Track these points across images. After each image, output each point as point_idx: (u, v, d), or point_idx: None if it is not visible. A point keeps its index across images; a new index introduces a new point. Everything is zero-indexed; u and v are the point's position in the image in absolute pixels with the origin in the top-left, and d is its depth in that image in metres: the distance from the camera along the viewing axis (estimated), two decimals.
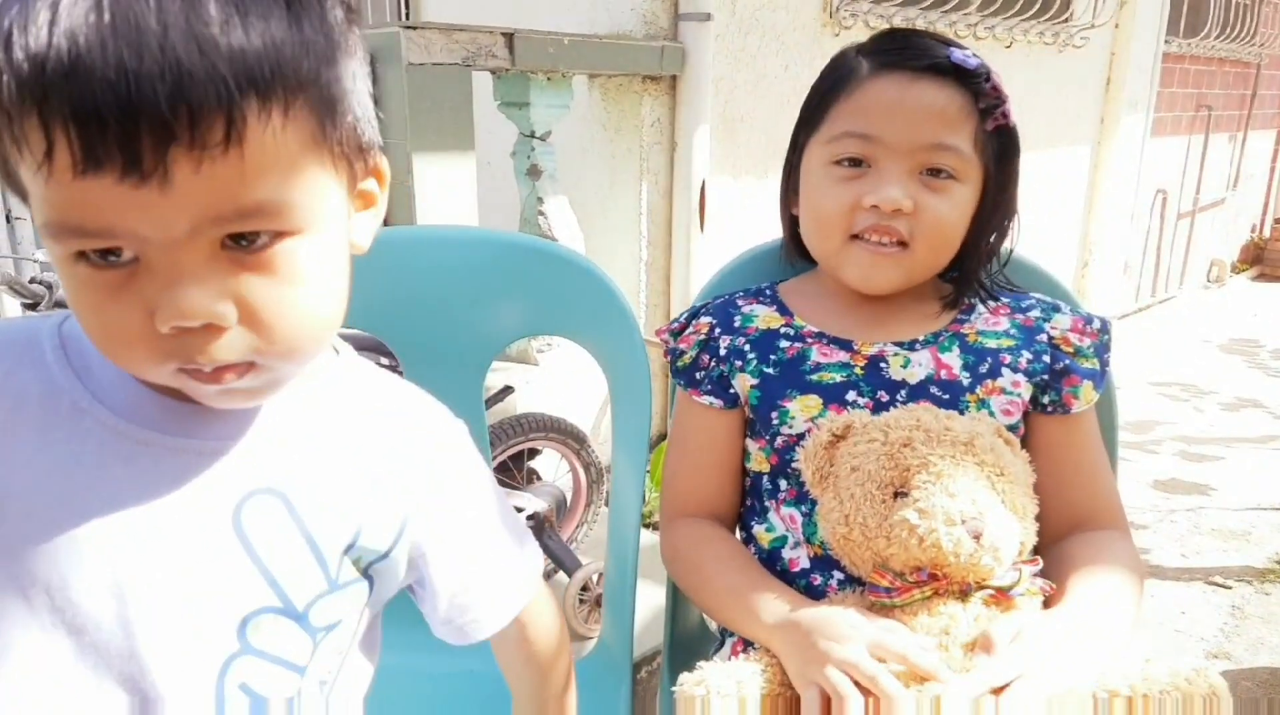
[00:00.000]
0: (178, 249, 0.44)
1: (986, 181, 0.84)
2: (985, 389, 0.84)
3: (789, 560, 0.84)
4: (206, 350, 0.46)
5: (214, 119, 0.41)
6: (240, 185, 0.44)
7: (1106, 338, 0.89)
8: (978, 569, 0.71)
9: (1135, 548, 0.86)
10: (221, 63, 0.41)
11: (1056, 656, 0.68)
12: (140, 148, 0.40)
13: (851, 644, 0.68)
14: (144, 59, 0.39)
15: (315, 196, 0.48)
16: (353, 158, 0.51)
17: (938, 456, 0.73)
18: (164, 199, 0.42)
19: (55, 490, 0.50)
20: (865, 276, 0.85)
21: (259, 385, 0.50)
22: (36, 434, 0.50)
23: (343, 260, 0.52)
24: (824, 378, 0.86)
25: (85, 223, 0.43)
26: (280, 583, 0.54)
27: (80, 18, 0.40)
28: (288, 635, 0.55)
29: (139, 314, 0.45)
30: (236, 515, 0.53)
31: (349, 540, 0.57)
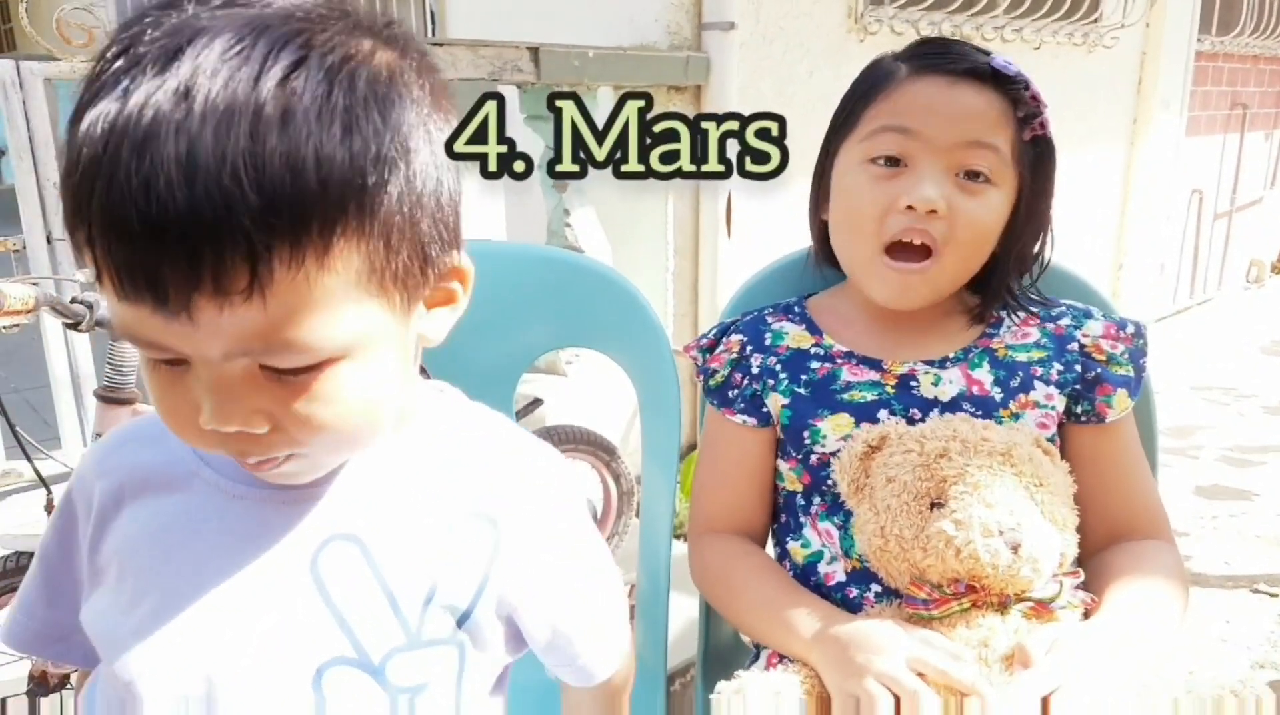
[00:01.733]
0: (216, 366, 0.46)
1: (1021, 190, 0.83)
2: (1018, 403, 0.83)
3: (825, 574, 0.84)
4: (244, 449, 0.49)
5: (238, 269, 0.41)
6: (267, 328, 0.44)
7: (1142, 342, 0.87)
8: (1016, 580, 0.70)
9: (1179, 556, 0.84)
10: (249, 212, 0.40)
11: (1094, 667, 0.67)
12: (166, 291, 0.42)
13: (890, 656, 0.68)
14: (169, 208, 0.40)
15: (360, 329, 0.47)
16: (417, 278, 0.49)
17: (975, 467, 0.72)
18: (194, 332, 0.43)
19: (162, 546, 0.55)
20: (893, 296, 0.84)
21: (305, 469, 0.52)
22: (157, 500, 0.56)
23: (395, 372, 0.51)
24: (855, 397, 0.85)
25: (137, 336, 0.45)
26: (354, 630, 0.54)
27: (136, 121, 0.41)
28: (364, 692, 0.54)
29: (191, 407, 0.47)
30: (314, 560, 0.54)
31: (426, 592, 0.55)
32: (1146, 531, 0.84)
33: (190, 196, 0.40)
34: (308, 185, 0.42)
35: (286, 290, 0.43)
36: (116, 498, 0.57)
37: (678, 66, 2.24)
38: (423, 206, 0.48)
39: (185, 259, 0.41)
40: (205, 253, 0.41)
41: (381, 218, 0.45)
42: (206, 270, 0.41)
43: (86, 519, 0.59)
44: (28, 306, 1.15)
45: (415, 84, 0.48)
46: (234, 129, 0.40)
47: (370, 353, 0.48)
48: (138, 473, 0.57)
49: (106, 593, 0.56)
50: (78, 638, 0.60)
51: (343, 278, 0.45)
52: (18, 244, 1.83)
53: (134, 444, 0.59)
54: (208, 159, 0.40)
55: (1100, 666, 0.67)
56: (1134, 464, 0.86)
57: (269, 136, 0.41)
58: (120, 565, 0.56)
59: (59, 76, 1.77)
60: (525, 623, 0.60)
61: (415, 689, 0.55)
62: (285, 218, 0.41)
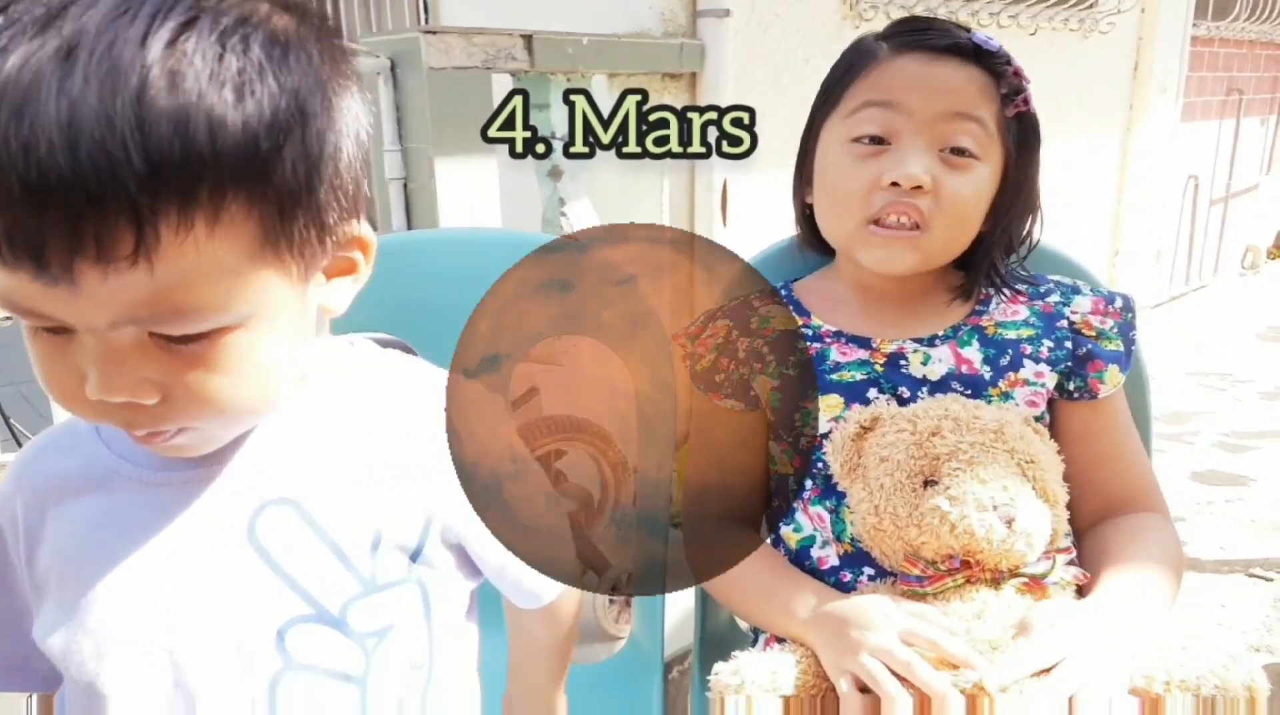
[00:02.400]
0: (100, 334, 0.44)
1: (1007, 166, 0.83)
2: (1007, 382, 0.83)
3: (818, 559, 0.84)
4: (131, 420, 0.47)
5: (122, 233, 0.40)
6: (154, 295, 0.43)
7: (1130, 316, 0.87)
8: (1010, 555, 0.71)
9: (1173, 528, 0.84)
10: (134, 176, 0.39)
11: (1095, 642, 0.67)
12: (48, 256, 0.40)
13: (883, 631, 0.68)
14: (50, 173, 0.39)
15: (254, 295, 0.46)
16: (314, 246, 0.48)
17: (967, 444, 0.73)
18: (76, 299, 0.42)
19: (94, 546, 0.55)
20: (882, 259, 0.83)
21: (198, 442, 0.51)
22: (80, 503, 0.56)
23: (291, 341, 0.51)
24: (844, 377, 0.85)
25: (18, 304, 0.43)
26: (306, 587, 0.54)
27: (19, 80, 0.39)
28: (330, 644, 0.55)
29: (76, 378, 0.46)
30: (251, 529, 0.54)
31: (373, 538, 0.56)
32: (1140, 505, 0.85)
33: (72, 160, 0.38)
34: (197, 149, 0.40)
35: (174, 255, 0.42)
36: (40, 510, 0.57)
37: (672, 54, 2.23)
38: (320, 173, 0.46)
39: (67, 224, 0.39)
40: (88, 217, 0.39)
41: (275, 183, 0.44)
42: (89, 235, 0.40)
43: (15, 538, 0.58)
44: None
45: (314, 48, 0.46)
46: (119, 91, 0.39)
47: (265, 322, 0.48)
48: (54, 481, 0.57)
49: (53, 606, 0.56)
50: (33, 664, 0.60)
51: (235, 245, 0.44)
52: None
53: (50, 452, 0.59)
54: (91, 122, 0.38)
55: (1100, 642, 0.68)
56: (1126, 439, 0.87)
57: (156, 99, 0.39)
58: (59, 574, 0.56)
59: None
60: (474, 547, 0.61)
61: (381, 631, 0.56)
62: (172, 182, 0.40)
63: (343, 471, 0.57)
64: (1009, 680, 0.64)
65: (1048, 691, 0.64)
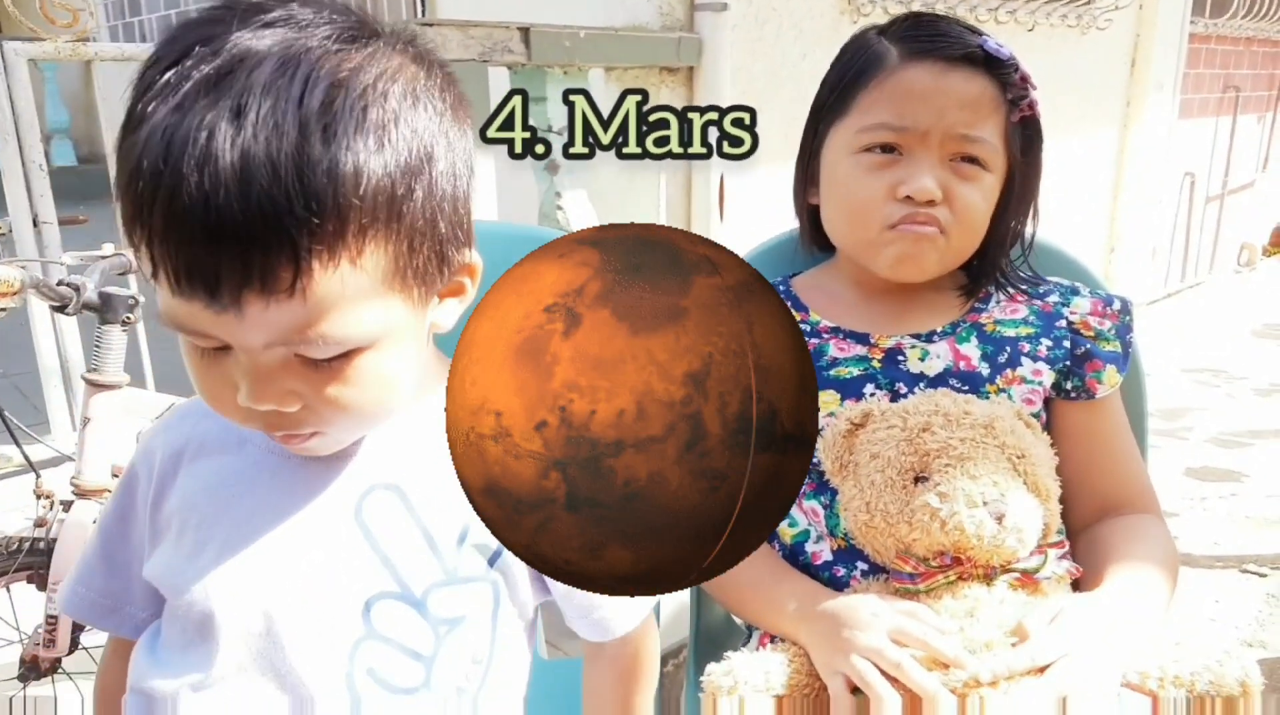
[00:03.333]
0: (255, 352, 0.51)
1: (1011, 171, 0.84)
2: (1005, 379, 0.83)
3: (812, 554, 0.84)
4: (273, 423, 0.54)
5: (284, 270, 0.47)
6: (305, 322, 0.49)
7: (1128, 318, 0.87)
8: (1001, 551, 0.71)
9: (1168, 530, 0.85)
10: (295, 221, 0.46)
11: (1093, 639, 0.68)
12: (221, 289, 0.47)
13: (873, 631, 0.68)
14: (226, 218, 0.45)
15: (384, 321, 0.53)
16: (434, 274, 0.55)
17: (958, 440, 0.73)
18: (240, 324, 0.49)
19: (218, 501, 0.62)
20: (904, 258, 0.82)
21: (327, 444, 0.59)
22: (213, 462, 0.63)
23: (412, 358, 0.57)
24: (841, 373, 0.85)
25: (186, 326, 0.51)
26: (397, 567, 0.60)
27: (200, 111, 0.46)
28: (408, 622, 0.60)
29: (229, 386, 0.53)
30: (358, 508, 0.61)
31: (459, 533, 0.61)
32: (1136, 506, 0.85)
33: (245, 206, 0.45)
34: (345, 195, 0.47)
35: (323, 288, 0.48)
36: (175, 460, 0.64)
37: (669, 48, 2.23)
38: (441, 210, 0.53)
39: (239, 262, 0.46)
40: (256, 257, 0.46)
41: (407, 222, 0.51)
42: (256, 271, 0.46)
43: (149, 482, 0.65)
44: (13, 288, 1.14)
45: (439, 96, 0.53)
46: (283, 146, 0.45)
47: (391, 342, 0.54)
48: (195, 438, 0.64)
49: (169, 546, 0.62)
50: (129, 610, 0.67)
51: (371, 276, 0.50)
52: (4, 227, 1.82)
53: (194, 416, 0.66)
54: (260, 173, 0.45)
55: (1098, 639, 0.68)
56: (1123, 440, 0.87)
57: (312, 152, 0.46)
58: (181, 520, 0.62)
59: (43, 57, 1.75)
60: None
61: (454, 620, 0.61)
62: (325, 225, 0.47)
63: (440, 469, 0.60)
64: (1002, 672, 0.64)
65: (1044, 689, 0.64)
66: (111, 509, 0.68)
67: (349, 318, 0.50)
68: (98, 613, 0.68)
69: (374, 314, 0.52)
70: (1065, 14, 3.36)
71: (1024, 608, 0.71)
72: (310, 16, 0.50)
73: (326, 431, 0.56)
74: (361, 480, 0.61)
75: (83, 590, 0.68)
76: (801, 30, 2.49)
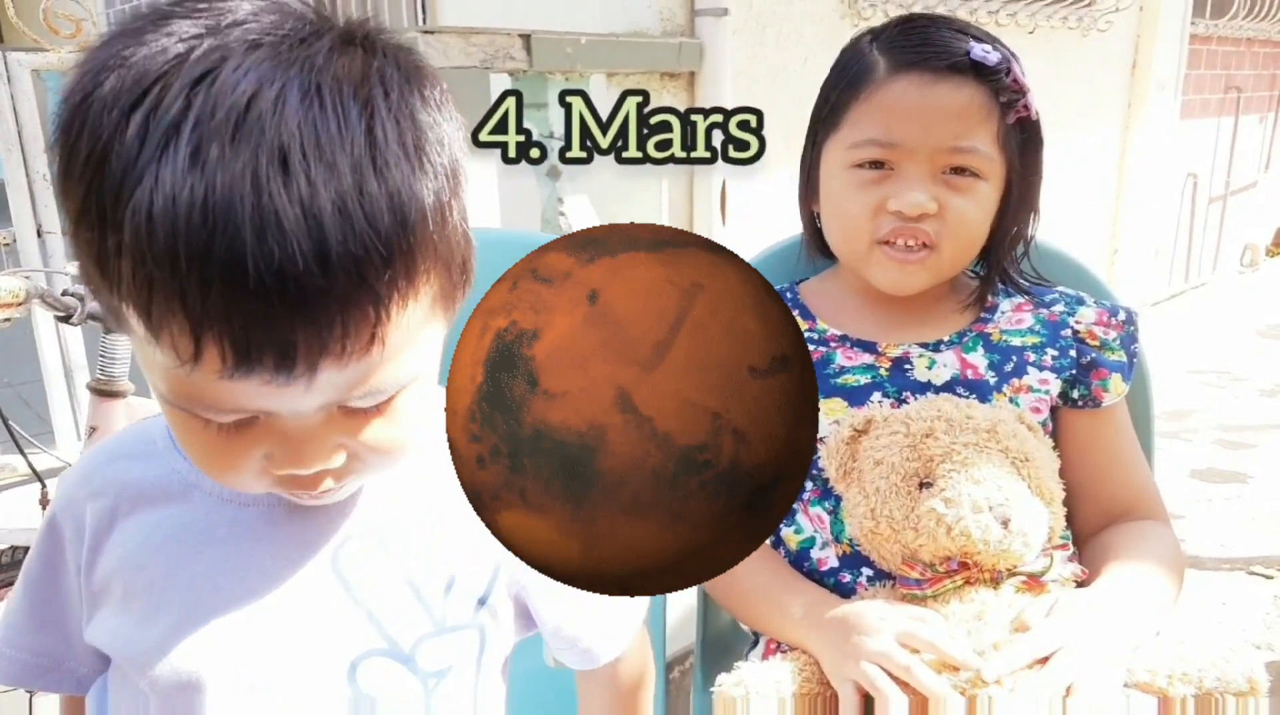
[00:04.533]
0: (301, 419, 0.46)
1: (1010, 175, 0.83)
2: (1012, 388, 0.83)
3: (818, 560, 0.84)
4: (309, 483, 0.49)
5: (364, 327, 0.42)
6: (377, 371, 0.44)
7: (1133, 329, 0.87)
8: (1008, 555, 0.71)
9: (1174, 536, 0.85)
10: (374, 271, 0.40)
11: (1092, 629, 0.68)
12: (295, 358, 0.41)
13: (882, 636, 0.68)
14: (302, 281, 0.39)
15: (428, 352, 0.49)
16: (460, 293, 0.51)
17: (961, 445, 0.73)
18: (308, 390, 0.43)
19: (171, 558, 0.54)
20: (893, 282, 0.84)
21: (353, 486, 0.53)
22: (155, 514, 0.56)
23: (436, 380, 0.52)
24: (848, 381, 0.85)
25: (218, 405, 0.44)
26: (383, 622, 0.55)
27: (249, 168, 0.38)
28: (398, 680, 0.55)
29: (252, 456, 0.47)
30: (335, 559, 0.55)
31: (447, 581, 0.57)
32: (1142, 512, 0.85)
33: (324, 267, 0.39)
34: (413, 230, 0.42)
35: (396, 335, 0.44)
36: (109, 514, 0.56)
37: (670, 53, 2.23)
38: (466, 220, 0.49)
39: (319, 326, 0.40)
40: (337, 317, 0.40)
41: (449, 243, 0.46)
42: (338, 333, 0.41)
43: (78, 541, 0.57)
44: (18, 299, 1.15)
45: (439, 95, 0.47)
46: (344, 191, 0.39)
47: (429, 367, 0.50)
48: (130, 489, 0.57)
49: (114, 612, 0.56)
50: (70, 665, 0.60)
51: (424, 309, 0.46)
52: (8, 237, 1.82)
53: (123, 461, 0.58)
54: (331, 225, 0.39)
55: (1097, 631, 0.68)
56: (1129, 447, 0.87)
57: (373, 190, 0.40)
58: (125, 582, 0.55)
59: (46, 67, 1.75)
60: (534, 601, 0.62)
61: (441, 672, 0.57)
62: (399, 266, 0.42)
63: (423, 512, 0.58)
64: (1005, 671, 0.64)
65: (1045, 680, 0.64)
66: (34, 564, 0.59)
67: (412, 356, 0.46)
68: (33, 674, 0.61)
69: (422, 345, 0.47)
70: (1066, 16, 3.36)
71: None
72: (264, 18, 0.42)
73: (352, 479, 0.51)
74: (336, 528, 0.55)
75: (12, 653, 0.60)
76: (802, 34, 2.49)
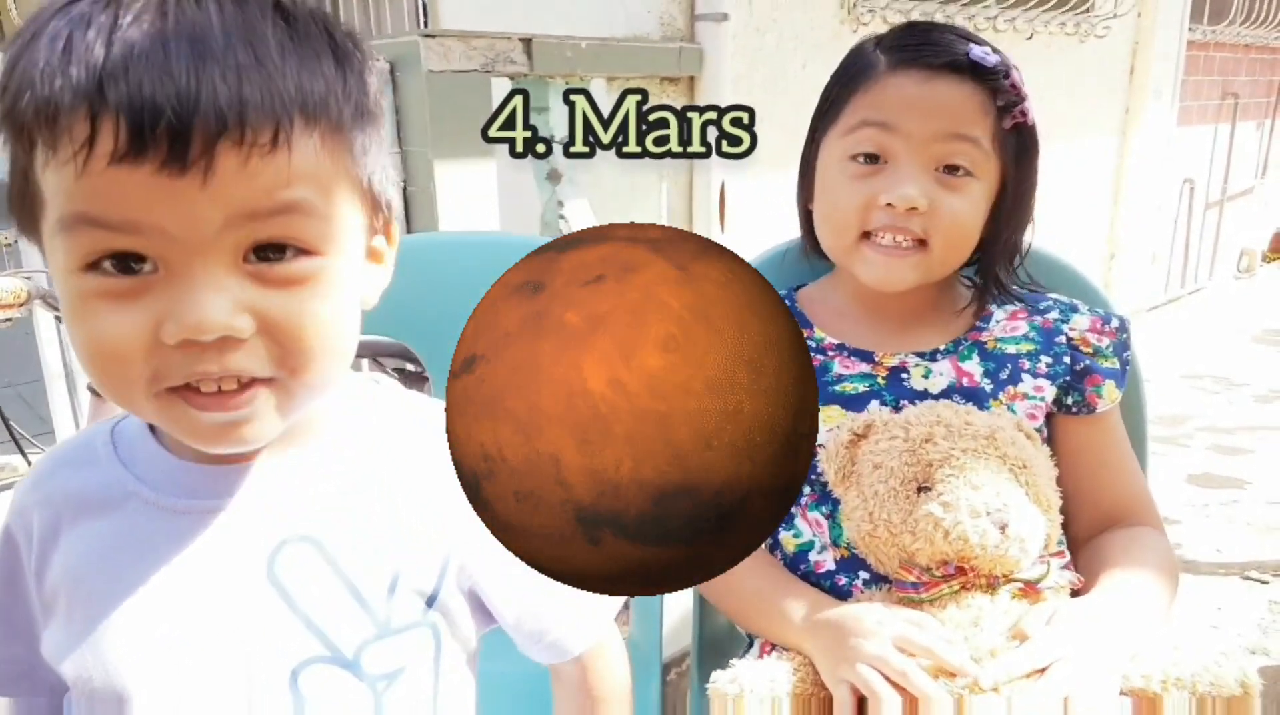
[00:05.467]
0: (201, 252, 0.44)
1: (1004, 180, 0.84)
2: (1007, 395, 0.84)
3: (815, 563, 0.84)
4: (220, 361, 0.46)
5: (266, 122, 0.43)
6: (282, 184, 0.45)
7: (1125, 337, 0.88)
8: (1005, 560, 0.71)
9: (1168, 541, 0.85)
10: (277, 79, 0.44)
11: (1091, 640, 0.68)
12: (190, 137, 0.42)
13: (878, 640, 0.68)
14: (206, 62, 0.42)
15: (342, 223, 0.49)
16: (375, 205, 0.53)
17: (960, 450, 0.74)
18: (201, 193, 0.43)
19: (110, 570, 0.54)
20: (880, 278, 0.84)
21: (270, 409, 0.49)
22: (96, 524, 0.55)
23: (356, 298, 0.53)
24: (846, 389, 0.85)
25: (110, 214, 0.43)
26: (323, 629, 0.54)
27: (146, 24, 0.42)
28: (342, 686, 0.54)
29: (144, 326, 0.45)
30: (270, 566, 0.54)
31: (390, 581, 0.56)
32: (1136, 518, 0.85)
33: (227, 53, 0.43)
34: (326, 78, 0.47)
35: (301, 151, 0.45)
36: (54, 525, 0.56)
37: (670, 58, 2.24)
38: (380, 155, 0.52)
39: (221, 105, 0.42)
40: (236, 104, 0.42)
41: (364, 133, 0.50)
42: (236, 117, 0.42)
43: (29, 549, 0.57)
44: (19, 299, 1.15)
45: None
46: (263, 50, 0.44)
47: (343, 260, 0.49)
48: (71, 498, 0.56)
49: (60, 626, 0.55)
50: (40, 673, 0.59)
51: (334, 163, 0.48)
52: (9, 238, 1.82)
53: (66, 469, 0.58)
54: (242, 30, 0.43)
55: (1094, 641, 0.69)
56: (1122, 453, 0.88)
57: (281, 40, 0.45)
58: (68, 595, 0.55)
59: None
60: (490, 595, 0.60)
61: (391, 675, 0.55)
62: (307, 93, 0.45)
63: (363, 512, 0.56)
64: (1003, 679, 0.65)
65: (1043, 690, 0.64)
66: None
67: (320, 194, 0.47)
68: (6, 682, 0.61)
69: (336, 203, 0.48)
70: (1064, 22, 3.38)
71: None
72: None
73: (279, 380, 0.48)
74: (271, 534, 0.54)
75: None
76: (801, 40, 2.50)
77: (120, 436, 0.58)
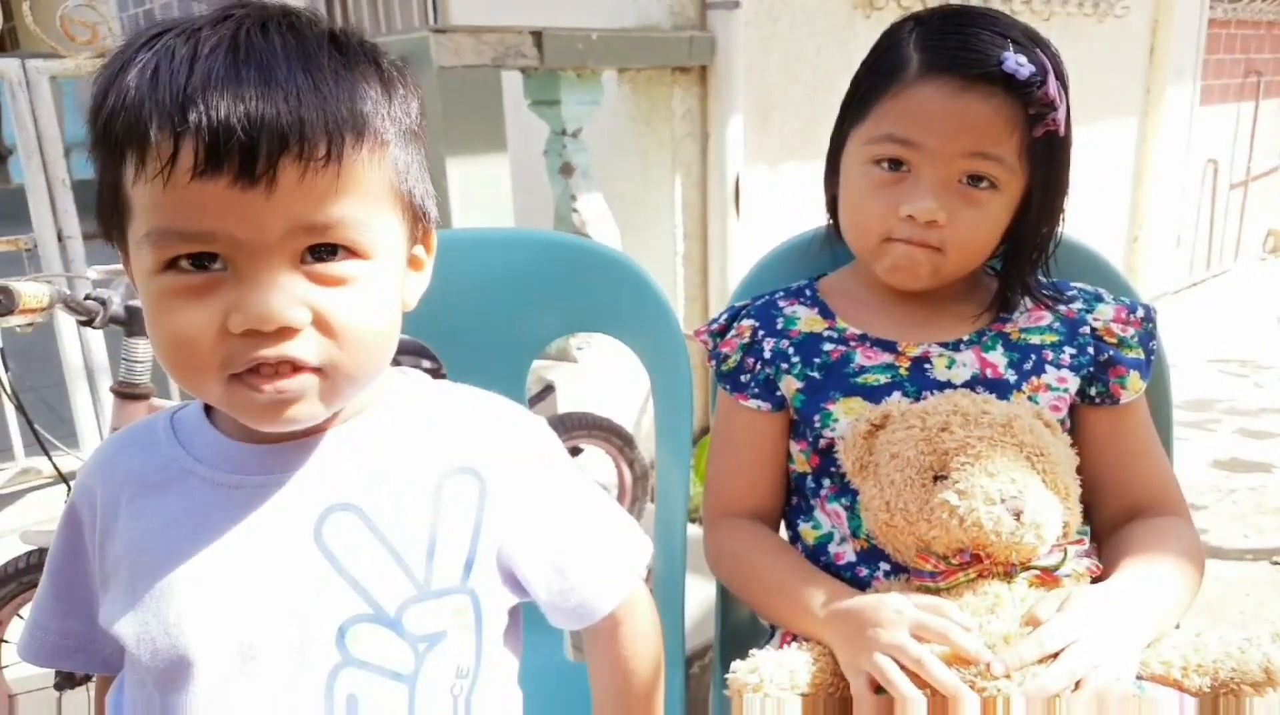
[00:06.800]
0: (265, 255, 0.51)
1: (1031, 188, 0.82)
2: (1031, 386, 0.83)
3: (835, 555, 0.84)
4: (277, 348, 0.52)
5: (320, 139, 0.50)
6: (333, 196, 0.52)
7: (1151, 326, 0.87)
8: (1020, 547, 0.71)
9: (1195, 532, 0.84)
10: (330, 102, 0.51)
11: (1105, 625, 0.68)
12: (257, 153, 0.49)
13: (895, 628, 0.68)
14: (271, 87, 0.50)
15: (386, 231, 0.56)
16: (416, 217, 0.60)
17: (976, 438, 0.73)
18: (266, 204, 0.50)
19: (169, 541, 0.59)
20: (899, 280, 0.84)
21: (312, 399, 0.55)
22: (156, 500, 0.61)
23: (398, 299, 0.59)
24: (868, 380, 0.85)
25: (189, 225, 0.51)
26: (368, 589, 0.58)
27: (221, 54, 0.50)
28: (385, 644, 0.59)
29: (215, 316, 0.52)
30: (318, 532, 0.59)
31: (428, 546, 0.60)
32: (1163, 509, 0.84)
33: (288, 80, 0.50)
34: (373, 99, 0.54)
35: (351, 166, 0.52)
36: (116, 503, 0.61)
37: (682, 47, 2.23)
38: (422, 172, 0.59)
39: (282, 124, 0.49)
40: (296, 123, 0.50)
41: (406, 152, 0.57)
42: (295, 134, 0.49)
43: (92, 526, 0.62)
44: (42, 304, 1.16)
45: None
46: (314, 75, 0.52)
47: (387, 264, 0.56)
48: (134, 477, 0.62)
49: (122, 595, 0.60)
50: (96, 645, 0.65)
51: (381, 179, 0.55)
52: (29, 242, 1.84)
53: (130, 450, 0.64)
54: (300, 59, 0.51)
55: (1110, 624, 0.68)
56: (1148, 443, 0.87)
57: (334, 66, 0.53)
58: (130, 564, 0.60)
59: (64, 74, 1.77)
60: (521, 565, 0.64)
61: (434, 637, 0.60)
62: (357, 114, 0.53)
63: (400, 482, 0.61)
64: (1015, 665, 0.64)
65: (1055, 675, 0.64)
66: (59, 550, 0.65)
67: (368, 207, 0.54)
68: (62, 654, 0.66)
69: (383, 216, 0.55)
70: (1082, 2, 3.33)
71: None
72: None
73: (328, 369, 0.54)
74: (317, 504, 0.59)
75: (41, 634, 0.66)
76: (814, 26, 2.48)
77: (179, 423, 0.64)
